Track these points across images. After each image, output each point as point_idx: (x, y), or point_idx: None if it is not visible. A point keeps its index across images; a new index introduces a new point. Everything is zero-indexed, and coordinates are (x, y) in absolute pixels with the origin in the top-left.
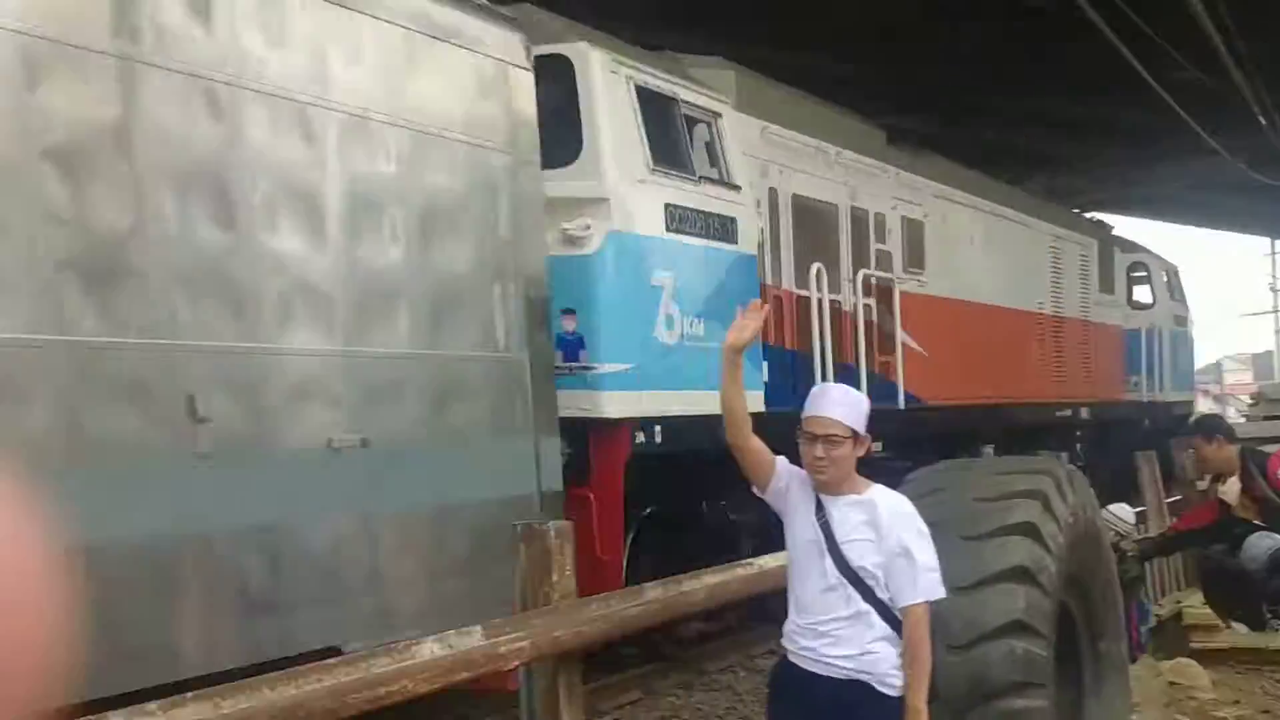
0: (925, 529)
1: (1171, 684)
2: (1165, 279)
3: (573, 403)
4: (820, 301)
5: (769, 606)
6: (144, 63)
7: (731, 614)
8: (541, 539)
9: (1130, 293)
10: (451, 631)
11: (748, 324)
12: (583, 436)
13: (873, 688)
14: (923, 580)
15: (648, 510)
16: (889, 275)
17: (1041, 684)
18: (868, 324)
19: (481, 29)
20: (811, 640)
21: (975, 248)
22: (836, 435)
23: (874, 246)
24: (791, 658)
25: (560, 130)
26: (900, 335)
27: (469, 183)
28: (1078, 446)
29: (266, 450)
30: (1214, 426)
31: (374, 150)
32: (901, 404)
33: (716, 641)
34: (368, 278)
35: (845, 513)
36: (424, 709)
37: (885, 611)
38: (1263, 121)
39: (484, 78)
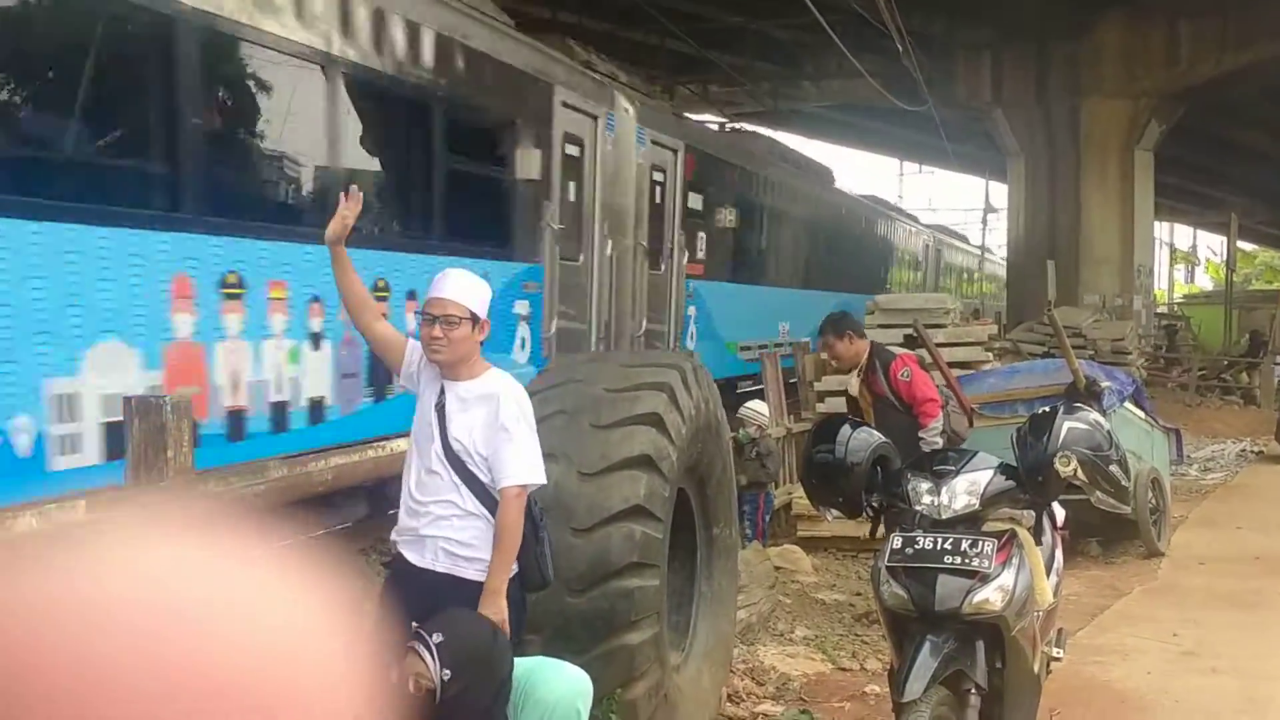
0: (528, 413)
1: (777, 568)
2: None
3: None
4: None
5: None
6: None
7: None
8: (157, 412)
9: None
10: (53, 505)
11: (346, 213)
12: None
13: (461, 578)
14: (519, 464)
15: None
16: None
17: (655, 564)
18: None
19: None
20: (412, 520)
21: None
22: (454, 316)
23: None
24: (399, 546)
25: None
26: None
27: None
28: None
29: None
30: (845, 324)
31: None
32: None
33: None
34: None
35: (461, 397)
36: None
37: (484, 494)
38: (900, 48)
39: None
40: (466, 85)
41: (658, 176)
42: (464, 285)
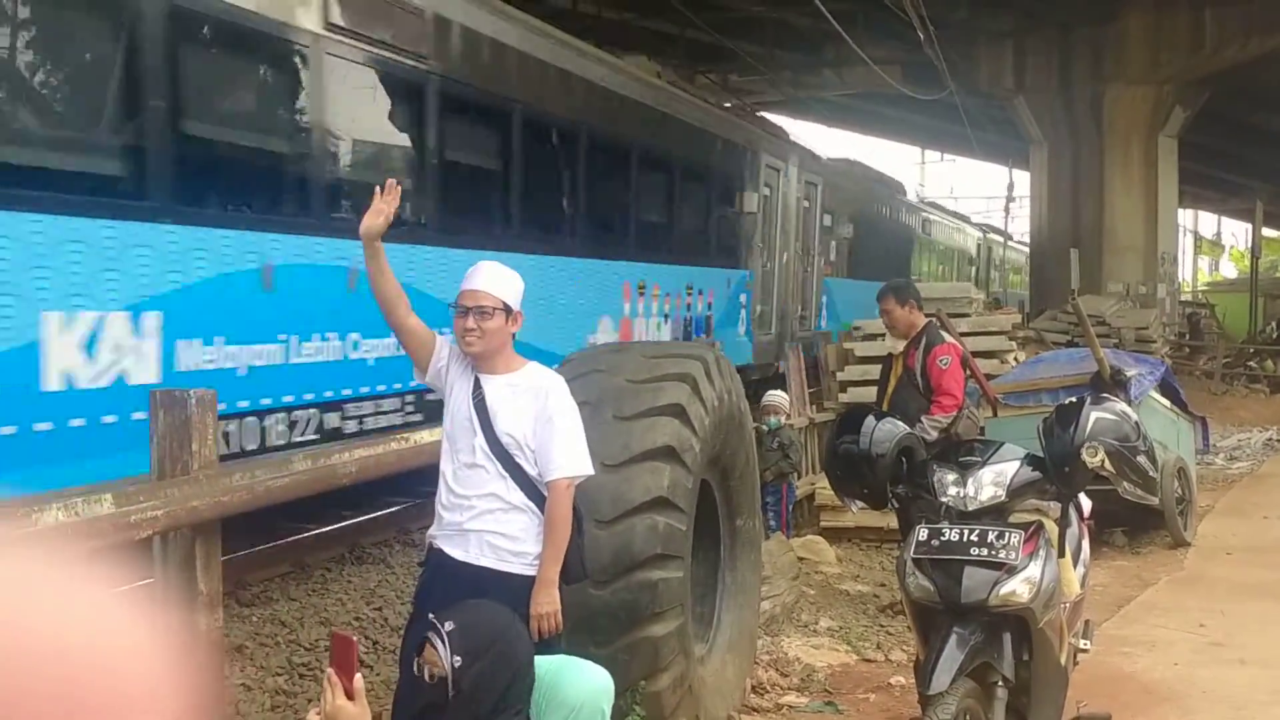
0: (574, 407)
1: (801, 559)
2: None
3: None
4: None
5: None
6: None
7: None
8: (181, 406)
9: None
10: (79, 498)
11: (382, 208)
12: None
13: (506, 573)
14: (568, 456)
15: None
16: None
17: (679, 556)
18: None
19: None
20: (456, 514)
21: None
22: (487, 307)
23: None
24: (438, 542)
25: None
26: None
27: None
28: None
29: None
30: (908, 292)
31: None
32: None
33: (373, 516)
34: None
35: (500, 390)
36: None
37: (530, 487)
38: (921, 35)
39: None
40: (722, 158)
41: (806, 204)
42: (496, 276)
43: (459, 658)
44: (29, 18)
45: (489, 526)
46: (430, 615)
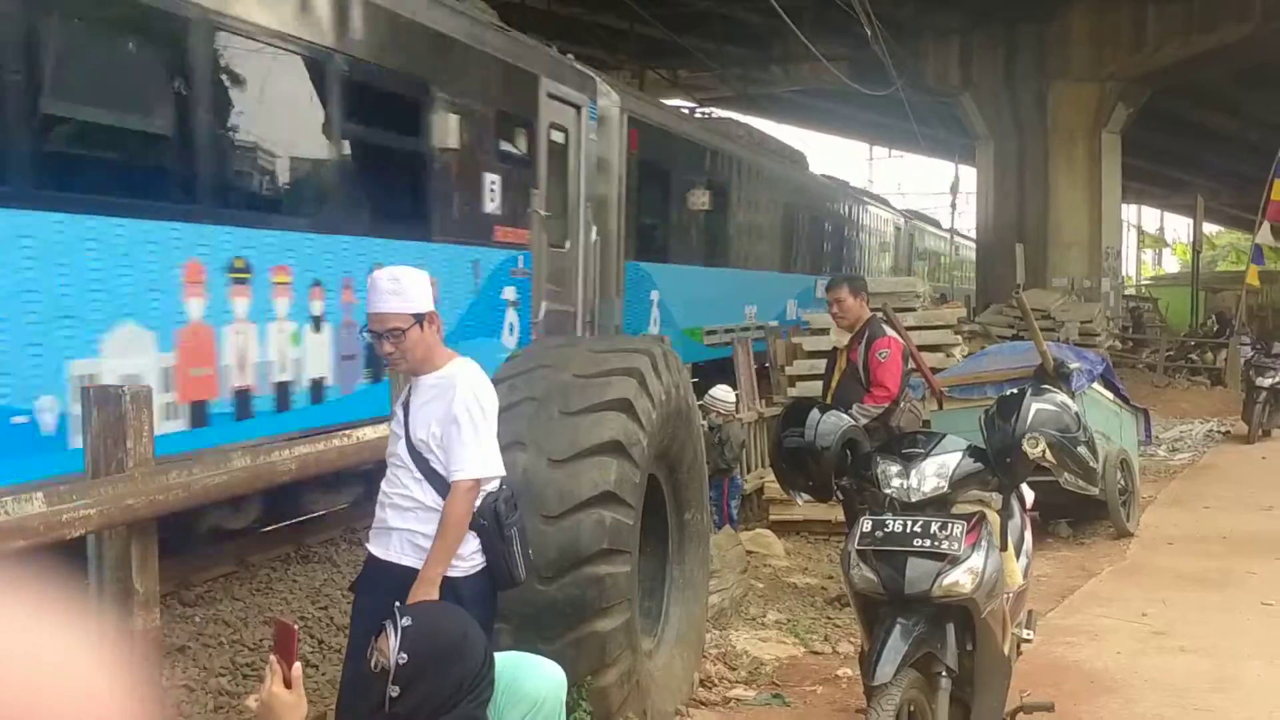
0: (482, 404)
1: (750, 552)
2: None
3: None
4: None
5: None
6: None
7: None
8: (116, 401)
9: None
10: (9, 496)
11: None
12: None
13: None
14: (472, 456)
15: None
16: None
17: (626, 550)
18: None
19: None
20: (382, 511)
21: None
22: (397, 328)
23: None
24: (370, 544)
25: None
26: None
27: None
28: None
29: None
30: (860, 284)
31: None
32: None
33: (317, 517)
34: None
35: (422, 392)
36: None
37: (444, 488)
38: (868, 32)
39: None
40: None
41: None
42: (398, 290)
43: (405, 655)
44: None
45: (409, 525)
46: (396, 605)
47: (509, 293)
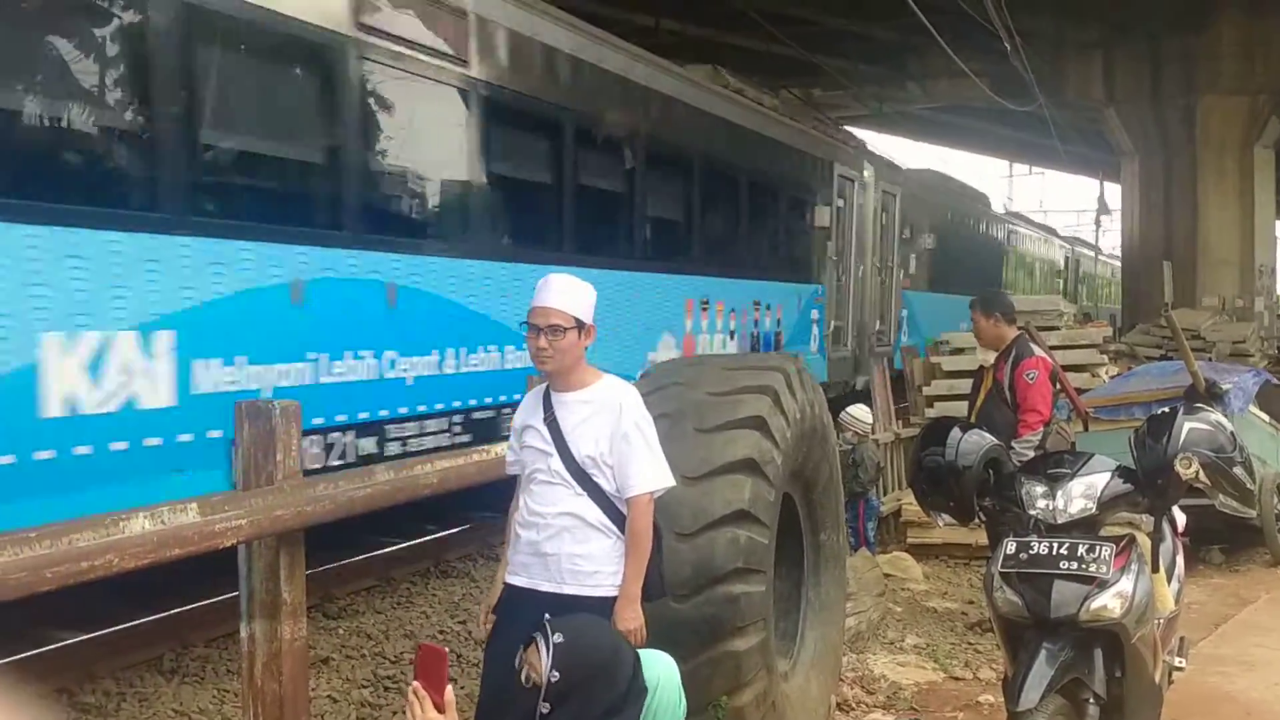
0: (650, 419)
1: (887, 575)
2: None
3: None
4: None
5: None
6: None
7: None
8: (266, 416)
9: None
10: (165, 507)
11: None
12: None
13: (587, 598)
14: (647, 470)
15: None
16: None
17: (761, 570)
18: None
19: None
20: (533, 534)
21: None
22: (559, 325)
23: None
24: (511, 571)
25: None
26: None
27: None
28: None
29: None
30: (994, 304)
31: None
32: None
33: (457, 531)
34: None
35: (574, 408)
36: None
37: (608, 505)
38: (1007, 46)
39: None
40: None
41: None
42: (567, 291)
43: (557, 672)
44: None
45: (567, 548)
46: (547, 619)
47: (814, 314)
